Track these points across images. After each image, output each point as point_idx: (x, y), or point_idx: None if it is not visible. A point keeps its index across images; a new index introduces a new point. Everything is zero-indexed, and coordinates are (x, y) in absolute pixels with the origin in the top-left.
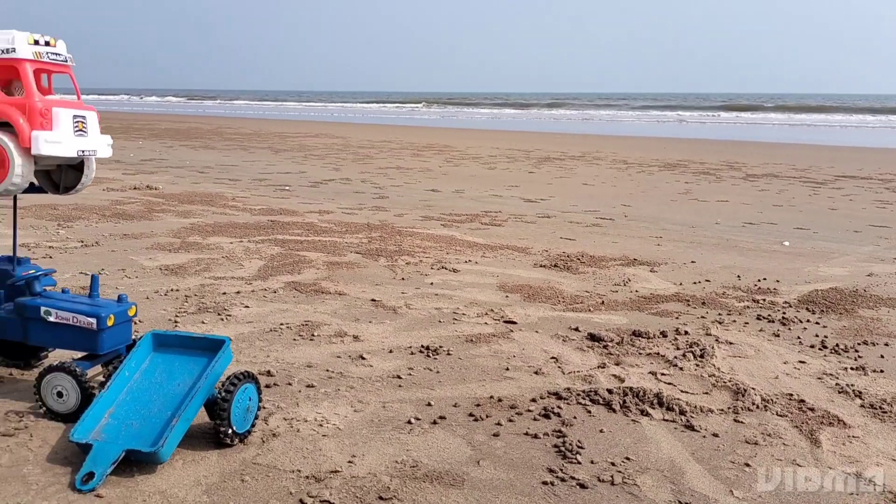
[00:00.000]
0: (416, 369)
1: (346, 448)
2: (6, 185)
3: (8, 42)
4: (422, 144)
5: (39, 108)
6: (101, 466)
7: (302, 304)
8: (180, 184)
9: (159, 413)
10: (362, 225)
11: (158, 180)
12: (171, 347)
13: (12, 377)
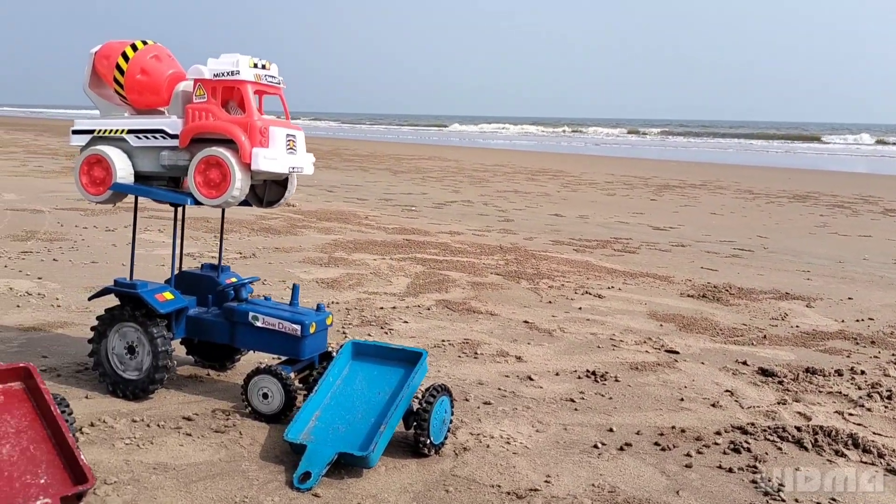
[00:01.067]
0: (587, 394)
1: (538, 467)
2: (226, 198)
3: (233, 64)
4: (534, 169)
5: (259, 127)
6: (316, 467)
7: (457, 322)
8: (313, 202)
9: (363, 419)
10: (495, 247)
11: (293, 198)
12: (369, 357)
13: (210, 378)
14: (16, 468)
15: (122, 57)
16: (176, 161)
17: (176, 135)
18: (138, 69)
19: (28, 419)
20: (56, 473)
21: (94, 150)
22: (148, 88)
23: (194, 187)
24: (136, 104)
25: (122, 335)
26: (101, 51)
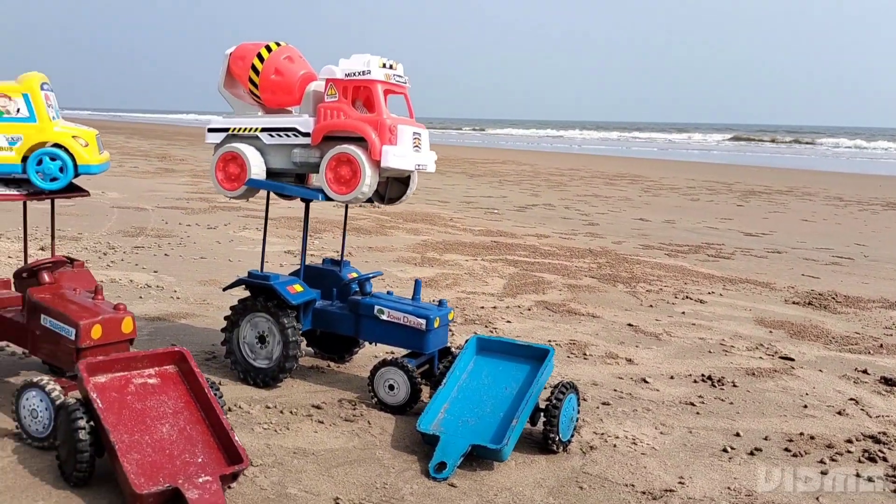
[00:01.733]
0: (706, 398)
1: (669, 469)
2: (356, 194)
3: (364, 64)
4: (611, 173)
5: (388, 125)
6: (451, 457)
7: (559, 323)
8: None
9: (492, 413)
10: (584, 250)
11: None
12: (494, 352)
13: (331, 368)
14: (175, 446)
15: (258, 58)
16: (307, 158)
17: (308, 133)
18: (272, 69)
19: (183, 401)
20: (211, 453)
21: (229, 147)
22: (281, 88)
23: (325, 183)
24: (269, 103)
25: (253, 325)
26: (235, 52)
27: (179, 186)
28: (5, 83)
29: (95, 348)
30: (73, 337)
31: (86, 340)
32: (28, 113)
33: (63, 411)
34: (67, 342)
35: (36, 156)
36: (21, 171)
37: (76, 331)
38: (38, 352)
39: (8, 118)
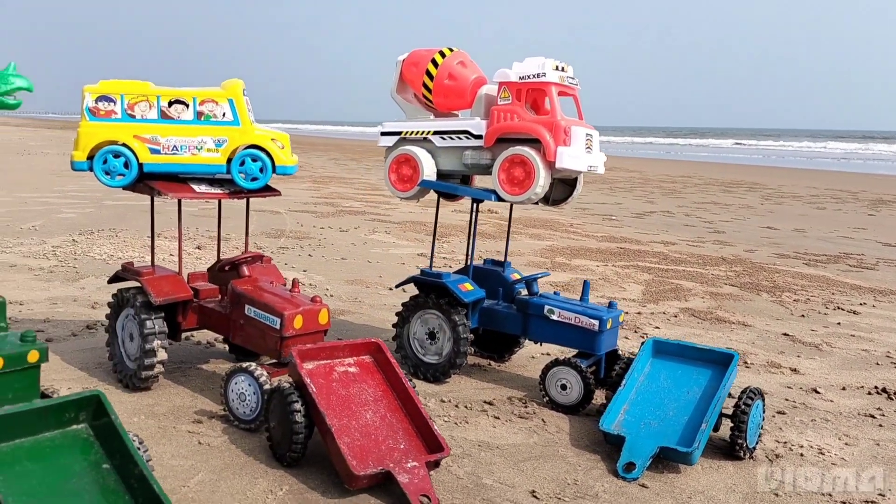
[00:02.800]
0: (885, 410)
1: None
2: (529, 195)
3: (539, 67)
4: (726, 181)
5: (563, 126)
6: (639, 458)
7: (710, 330)
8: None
9: (676, 416)
10: (716, 258)
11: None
12: (670, 355)
13: (492, 367)
14: (379, 432)
15: (432, 63)
16: (479, 160)
17: (480, 135)
18: (446, 74)
19: (381, 389)
20: (411, 440)
21: (402, 150)
22: (454, 92)
23: (497, 184)
24: (440, 107)
25: (424, 321)
26: (409, 58)
27: (304, 191)
28: (213, 89)
29: (297, 337)
30: (277, 326)
31: (289, 330)
32: (232, 117)
33: (277, 395)
34: (272, 331)
35: (239, 157)
36: (225, 171)
37: (281, 320)
38: (239, 339)
39: (215, 122)
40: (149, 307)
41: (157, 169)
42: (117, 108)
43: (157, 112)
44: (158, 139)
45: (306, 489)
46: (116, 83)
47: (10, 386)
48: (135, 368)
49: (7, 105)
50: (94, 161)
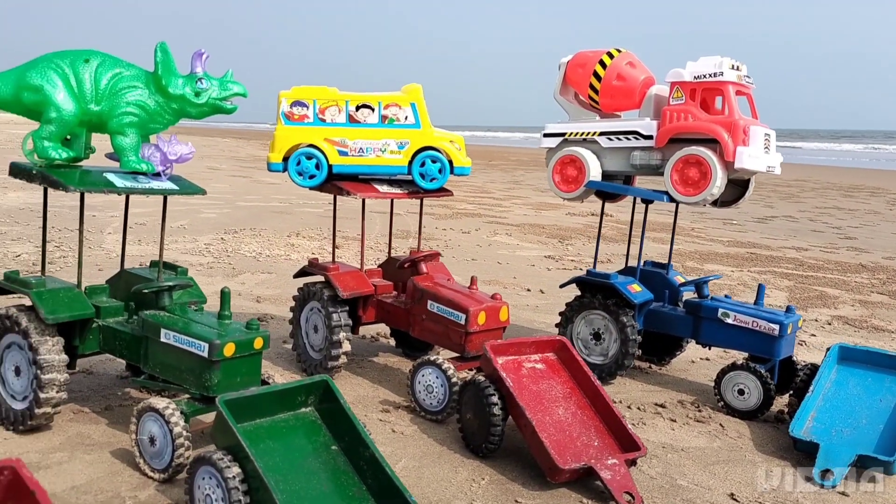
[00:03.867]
0: None
1: None
2: (704, 195)
3: (716, 66)
4: (844, 185)
5: (742, 126)
6: (837, 466)
7: (871, 339)
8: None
9: (870, 424)
10: (854, 265)
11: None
12: (858, 362)
13: (652, 370)
14: (572, 429)
15: (600, 64)
16: (648, 161)
17: (650, 136)
18: (615, 75)
19: (568, 387)
20: (604, 438)
21: (567, 151)
22: (622, 93)
23: (670, 185)
24: (606, 108)
25: (588, 322)
26: (574, 60)
27: None
28: (396, 94)
29: (480, 333)
30: (462, 322)
31: (474, 325)
32: (414, 120)
33: (472, 388)
34: (456, 326)
35: (420, 158)
36: (406, 172)
37: (466, 316)
38: (419, 333)
39: (398, 125)
40: (335, 301)
41: (344, 170)
42: (310, 113)
43: (346, 116)
44: (346, 142)
45: (507, 480)
46: (309, 89)
47: (238, 370)
48: (320, 359)
49: (224, 110)
50: (289, 163)
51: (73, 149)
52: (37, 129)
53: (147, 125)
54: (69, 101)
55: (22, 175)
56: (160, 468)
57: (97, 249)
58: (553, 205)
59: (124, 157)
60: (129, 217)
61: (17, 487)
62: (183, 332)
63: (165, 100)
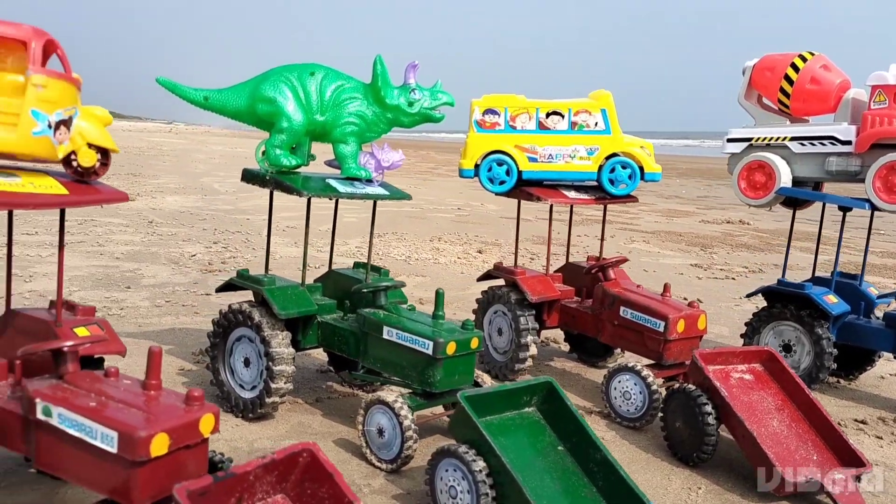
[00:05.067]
0: None
1: None
2: None
3: None
4: None
5: None
6: None
7: None
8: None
9: None
10: None
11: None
12: None
13: (840, 384)
14: (789, 441)
15: (792, 67)
16: (845, 167)
17: (849, 141)
18: (809, 78)
19: (780, 398)
20: (822, 452)
21: (754, 156)
22: (816, 97)
23: (872, 192)
24: (797, 112)
25: (777, 333)
26: (760, 63)
27: None
28: (586, 101)
29: (678, 341)
30: (661, 329)
31: (672, 333)
32: (604, 126)
33: (682, 396)
34: (654, 333)
35: (610, 164)
36: (595, 179)
37: (665, 324)
38: (609, 339)
39: (588, 131)
40: (522, 304)
41: (534, 176)
42: (501, 120)
43: (536, 123)
44: (536, 148)
45: (723, 490)
46: (500, 97)
47: (457, 368)
48: (505, 361)
49: (434, 118)
50: (480, 169)
51: (299, 156)
52: (269, 138)
53: (365, 134)
54: (299, 112)
55: (255, 180)
56: (388, 459)
57: (261, 251)
58: (683, 212)
59: (345, 164)
60: (280, 221)
61: (314, 469)
62: (406, 330)
63: (382, 110)
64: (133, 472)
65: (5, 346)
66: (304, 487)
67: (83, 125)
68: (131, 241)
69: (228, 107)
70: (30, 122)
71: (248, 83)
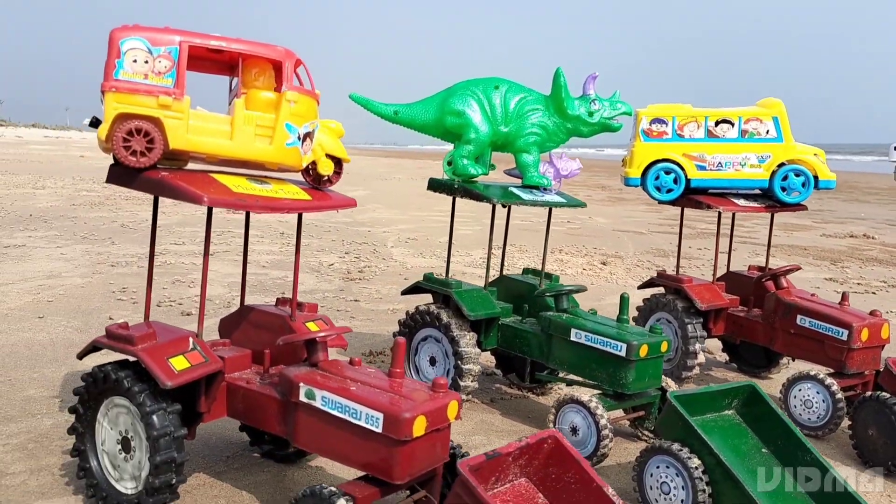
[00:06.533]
0: None
1: None
2: None
3: None
4: None
5: None
6: None
7: None
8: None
9: None
10: None
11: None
12: None
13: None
14: None
15: None
16: None
17: None
18: None
19: None
20: None
21: None
22: None
23: None
24: None
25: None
26: None
27: (642, 214)
28: (756, 109)
29: (862, 350)
30: (844, 338)
31: (857, 342)
32: (776, 134)
33: (874, 403)
34: (836, 342)
35: (782, 172)
36: (766, 187)
37: (849, 332)
38: (784, 347)
39: (759, 139)
40: (690, 312)
41: (702, 184)
42: (668, 129)
43: (704, 131)
44: (705, 157)
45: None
46: (667, 107)
47: (647, 370)
48: (671, 368)
49: (612, 128)
50: (647, 177)
51: (482, 166)
52: (456, 148)
53: (545, 144)
54: (485, 124)
55: (443, 189)
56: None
57: (391, 261)
58: (801, 225)
59: (528, 173)
60: (399, 233)
61: (559, 455)
62: (596, 333)
63: (562, 120)
64: (395, 451)
65: (243, 338)
66: (549, 472)
67: (322, 137)
68: (270, 250)
69: (417, 120)
70: (284, 135)
71: (435, 97)
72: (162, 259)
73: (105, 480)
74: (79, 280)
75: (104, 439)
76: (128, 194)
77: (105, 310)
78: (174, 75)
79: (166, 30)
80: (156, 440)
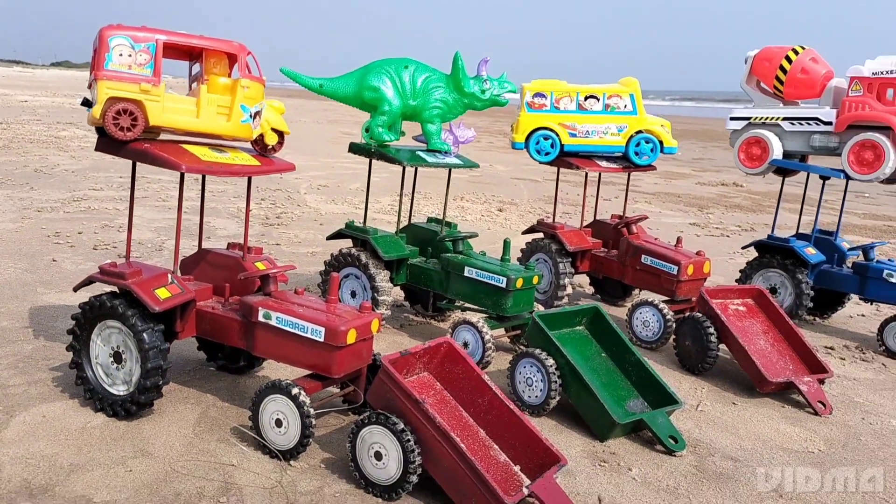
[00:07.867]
0: None
1: None
2: (877, 174)
3: (893, 64)
4: None
5: None
6: None
7: None
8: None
9: None
10: None
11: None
12: None
13: (816, 322)
14: (772, 356)
15: (786, 59)
16: (826, 143)
17: (830, 122)
18: (800, 69)
19: (765, 325)
20: (797, 364)
21: (752, 133)
22: (805, 84)
23: (847, 165)
24: (789, 97)
25: (766, 279)
26: (761, 54)
27: None
28: (617, 87)
29: (688, 282)
30: (674, 272)
31: (684, 275)
32: (632, 108)
33: (691, 321)
34: (669, 276)
35: (636, 140)
36: (623, 151)
37: (678, 268)
38: (632, 280)
39: (619, 112)
40: (561, 253)
41: (573, 149)
42: (547, 102)
43: (576, 105)
44: (576, 126)
45: (721, 390)
46: (546, 83)
47: (522, 298)
48: (545, 299)
49: (500, 103)
50: (530, 142)
51: (394, 133)
52: (372, 118)
53: (446, 115)
54: (397, 98)
55: (362, 152)
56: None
57: (305, 207)
58: (681, 174)
59: (431, 140)
60: (311, 180)
61: (452, 355)
62: (483, 269)
63: (460, 96)
64: (333, 354)
65: (203, 275)
66: (444, 368)
67: (268, 114)
68: (188, 196)
69: (339, 93)
70: (239, 114)
71: (354, 73)
72: (85, 204)
73: (100, 385)
74: (10, 225)
75: (97, 353)
76: (31, 137)
77: (46, 252)
78: (153, 66)
79: (144, 28)
80: (146, 352)
